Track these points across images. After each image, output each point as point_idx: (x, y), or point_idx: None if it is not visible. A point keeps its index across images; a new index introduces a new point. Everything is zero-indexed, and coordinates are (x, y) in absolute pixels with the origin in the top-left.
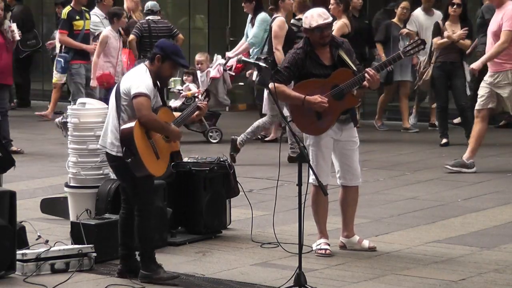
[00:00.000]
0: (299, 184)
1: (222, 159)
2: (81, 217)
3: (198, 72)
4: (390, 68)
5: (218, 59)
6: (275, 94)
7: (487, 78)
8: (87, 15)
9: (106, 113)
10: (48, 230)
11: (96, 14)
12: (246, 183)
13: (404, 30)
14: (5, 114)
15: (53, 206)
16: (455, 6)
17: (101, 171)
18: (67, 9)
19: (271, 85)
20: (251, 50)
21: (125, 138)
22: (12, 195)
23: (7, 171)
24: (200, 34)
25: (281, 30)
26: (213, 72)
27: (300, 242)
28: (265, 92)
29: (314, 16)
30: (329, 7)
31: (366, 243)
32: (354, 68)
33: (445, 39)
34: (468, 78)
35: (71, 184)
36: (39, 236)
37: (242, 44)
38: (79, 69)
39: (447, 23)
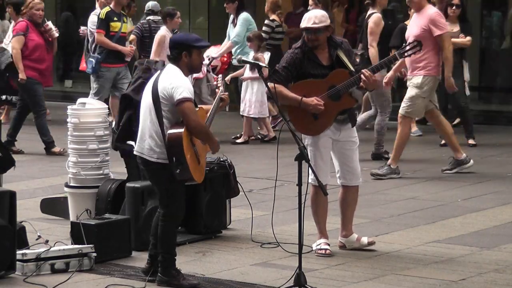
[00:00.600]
0: (299, 184)
1: (222, 159)
2: (81, 217)
3: None
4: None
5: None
6: (274, 94)
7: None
8: (125, 18)
9: (106, 113)
10: (48, 230)
11: (96, 14)
12: (246, 183)
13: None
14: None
15: (53, 206)
16: (454, 7)
17: (101, 171)
18: (106, 9)
19: (270, 85)
20: (233, 50)
21: (174, 145)
22: (12, 195)
23: (7, 171)
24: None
25: (377, 27)
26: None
27: (300, 242)
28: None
29: (307, 18)
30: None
31: (365, 239)
32: (352, 68)
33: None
34: (468, 78)
35: (71, 184)
36: (39, 236)
37: (225, 44)
38: (107, 73)
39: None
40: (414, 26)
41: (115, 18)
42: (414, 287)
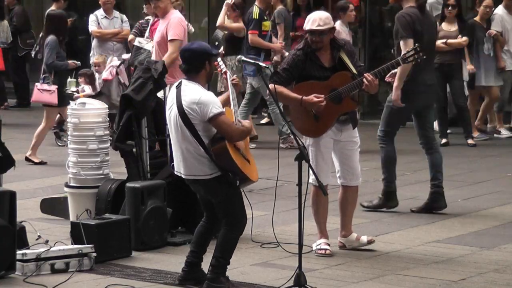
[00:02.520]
0: (299, 184)
1: None
2: (81, 217)
3: (96, 74)
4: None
5: (113, 60)
6: (275, 95)
7: None
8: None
9: (106, 113)
10: (48, 230)
11: (96, 14)
12: None
13: (492, 31)
14: None
15: (53, 206)
16: (450, 8)
17: (101, 171)
18: (256, 9)
19: (270, 86)
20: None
21: (223, 159)
22: (12, 195)
23: (7, 171)
24: (200, 34)
25: None
26: (105, 74)
27: (300, 242)
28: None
29: (311, 20)
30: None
31: (364, 238)
32: (355, 71)
33: (442, 44)
34: (466, 78)
35: (71, 184)
36: (39, 236)
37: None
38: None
39: (443, 23)
40: (157, 32)
41: (265, 17)
42: (414, 287)
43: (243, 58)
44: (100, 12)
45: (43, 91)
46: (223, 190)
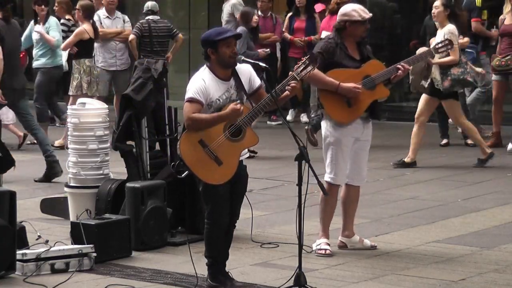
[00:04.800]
0: (299, 184)
1: None
2: (81, 217)
3: None
4: None
5: None
6: (275, 95)
7: None
8: None
9: (106, 113)
10: (48, 230)
11: (98, 14)
12: None
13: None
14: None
15: (53, 206)
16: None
17: (101, 171)
18: None
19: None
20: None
21: (177, 150)
22: (12, 195)
23: (7, 171)
24: (200, 34)
25: None
26: None
27: (300, 242)
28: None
29: (362, 9)
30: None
31: (368, 241)
32: None
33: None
34: None
35: (71, 184)
36: (39, 236)
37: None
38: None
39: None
40: None
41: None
42: (414, 287)
43: (243, 58)
44: (102, 12)
45: None
46: (199, 184)
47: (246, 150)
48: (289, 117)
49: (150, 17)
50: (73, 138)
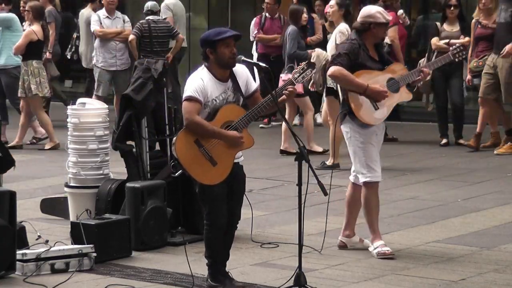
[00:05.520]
0: (299, 184)
1: None
2: (81, 217)
3: None
4: None
5: None
6: (275, 95)
7: None
8: None
9: (106, 113)
10: (48, 230)
11: (98, 13)
12: (246, 183)
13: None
14: None
15: (53, 206)
16: (452, 8)
17: (101, 171)
18: None
19: (335, 67)
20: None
21: (172, 149)
22: (12, 195)
23: (7, 171)
24: (200, 34)
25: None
26: None
27: (300, 242)
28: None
29: (381, 11)
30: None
31: (368, 241)
32: None
33: (443, 44)
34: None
35: (71, 184)
36: (39, 236)
37: None
38: None
39: (445, 24)
40: None
41: None
42: (414, 287)
43: (243, 58)
44: (102, 12)
45: None
46: (196, 186)
47: (241, 153)
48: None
49: (150, 17)
50: (73, 138)
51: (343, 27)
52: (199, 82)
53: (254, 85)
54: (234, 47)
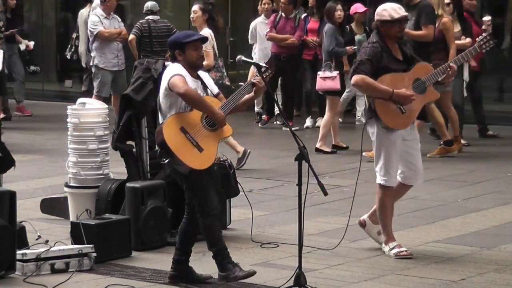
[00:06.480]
0: (299, 184)
1: (222, 159)
2: (81, 217)
3: None
4: None
5: None
6: (274, 95)
7: None
8: None
9: (106, 113)
10: (48, 230)
11: (96, 14)
12: (246, 183)
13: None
14: None
15: (53, 206)
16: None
17: (101, 171)
18: None
19: (359, 76)
20: None
21: (158, 137)
22: (12, 195)
23: (7, 171)
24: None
25: None
26: None
27: (300, 242)
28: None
29: (394, 8)
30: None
31: (382, 238)
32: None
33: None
34: (467, 78)
35: (71, 184)
36: (39, 236)
37: None
38: None
39: None
40: None
41: None
42: (414, 287)
43: (243, 58)
44: (100, 12)
45: (326, 79)
46: (181, 174)
47: (219, 156)
48: (308, 123)
49: (150, 17)
50: (73, 138)
51: (206, 32)
52: (181, 69)
53: (216, 89)
54: (201, 50)
